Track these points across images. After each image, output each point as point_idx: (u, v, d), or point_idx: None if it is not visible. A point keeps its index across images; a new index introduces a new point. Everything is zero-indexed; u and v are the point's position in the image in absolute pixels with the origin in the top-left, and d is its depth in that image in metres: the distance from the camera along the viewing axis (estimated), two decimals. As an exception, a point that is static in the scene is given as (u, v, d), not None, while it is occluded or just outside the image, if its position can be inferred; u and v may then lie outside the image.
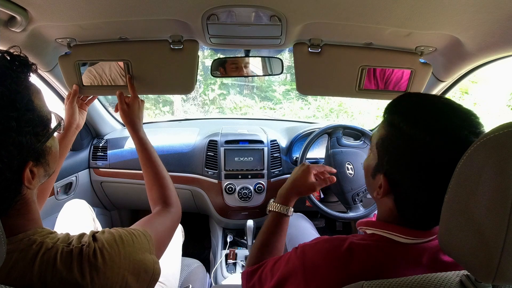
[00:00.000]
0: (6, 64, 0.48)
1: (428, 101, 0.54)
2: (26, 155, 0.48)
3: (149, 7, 0.70)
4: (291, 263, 0.61)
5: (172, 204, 0.77)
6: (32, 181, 0.49)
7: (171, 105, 4.40)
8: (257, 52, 1.11)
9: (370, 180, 0.60)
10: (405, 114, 0.53)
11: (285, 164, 1.54)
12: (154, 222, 0.69)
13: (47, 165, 0.53)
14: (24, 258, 0.45)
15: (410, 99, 0.57)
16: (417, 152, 0.50)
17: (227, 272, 1.40)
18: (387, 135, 0.55)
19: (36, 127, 0.49)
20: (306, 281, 0.56)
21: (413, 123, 0.51)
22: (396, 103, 0.57)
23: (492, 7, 0.63)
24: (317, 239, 0.61)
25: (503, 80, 4.03)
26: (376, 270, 0.50)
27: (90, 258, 0.47)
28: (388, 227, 0.55)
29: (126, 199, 1.68)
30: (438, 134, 0.48)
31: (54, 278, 0.45)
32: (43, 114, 0.51)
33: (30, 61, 0.52)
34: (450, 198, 0.42)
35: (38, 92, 0.52)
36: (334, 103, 4.47)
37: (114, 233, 0.53)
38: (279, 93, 4.54)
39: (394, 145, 0.53)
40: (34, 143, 0.49)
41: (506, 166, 0.35)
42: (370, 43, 0.89)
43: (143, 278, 0.54)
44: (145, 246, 0.56)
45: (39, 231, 0.50)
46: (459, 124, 0.49)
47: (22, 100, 0.47)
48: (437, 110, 0.52)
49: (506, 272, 0.36)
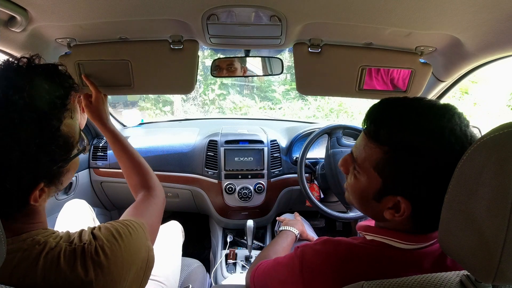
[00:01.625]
0: (43, 85, 0.45)
1: (417, 105, 0.51)
2: (39, 178, 0.46)
3: (149, 7, 0.70)
4: (291, 263, 0.61)
5: (154, 188, 0.78)
6: (38, 200, 0.47)
7: (171, 105, 4.40)
8: (257, 52, 1.11)
9: (373, 203, 0.55)
10: (410, 129, 0.49)
11: (285, 164, 1.54)
12: (143, 209, 0.69)
13: (60, 184, 0.51)
14: (27, 258, 0.45)
15: (399, 107, 0.52)
16: (443, 163, 0.45)
17: (227, 272, 1.40)
18: (391, 156, 0.50)
19: (57, 154, 0.47)
20: (304, 281, 0.56)
21: (415, 133, 0.48)
22: (386, 115, 0.52)
23: (492, 7, 0.63)
24: (318, 240, 0.61)
25: (503, 80, 4.03)
26: (376, 275, 0.50)
27: (92, 255, 0.48)
28: (388, 233, 0.54)
29: (126, 199, 1.67)
30: (440, 139, 0.47)
31: (58, 277, 0.45)
32: (70, 140, 0.49)
33: (73, 81, 0.50)
34: (450, 198, 0.42)
35: (73, 116, 0.50)
36: (334, 103, 4.47)
37: (111, 228, 0.53)
38: (279, 93, 4.54)
39: (409, 165, 0.48)
40: (52, 168, 0.47)
41: (506, 166, 0.35)
42: (370, 43, 0.89)
43: (140, 266, 0.55)
44: (141, 235, 0.57)
45: (43, 231, 0.50)
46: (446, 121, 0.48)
47: (49, 127, 0.44)
48: (426, 113, 0.49)
49: (506, 272, 0.36)
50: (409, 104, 0.52)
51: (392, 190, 0.51)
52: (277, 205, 1.55)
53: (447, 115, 0.49)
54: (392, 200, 0.51)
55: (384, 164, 0.50)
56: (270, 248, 0.93)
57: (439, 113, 0.49)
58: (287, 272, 0.61)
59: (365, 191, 0.55)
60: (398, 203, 0.51)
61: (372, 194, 0.54)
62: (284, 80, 4.49)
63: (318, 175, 1.45)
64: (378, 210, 0.54)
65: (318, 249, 0.57)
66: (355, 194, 0.58)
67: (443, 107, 0.50)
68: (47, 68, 0.49)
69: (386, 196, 0.52)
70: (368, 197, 0.55)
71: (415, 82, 0.93)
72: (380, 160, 0.51)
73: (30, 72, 0.47)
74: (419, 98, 0.53)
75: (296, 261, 0.59)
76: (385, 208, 0.52)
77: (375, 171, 0.52)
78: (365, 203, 0.56)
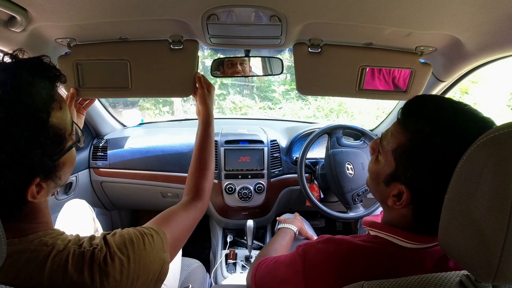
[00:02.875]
0: (28, 78, 0.45)
1: (454, 106, 0.51)
2: (34, 173, 0.45)
3: (149, 7, 0.70)
4: (293, 262, 0.61)
5: (202, 199, 0.77)
6: (37, 196, 0.46)
7: (171, 105, 4.40)
8: (257, 52, 1.11)
9: (382, 186, 0.57)
10: (434, 120, 0.49)
11: (285, 164, 1.54)
12: (176, 218, 0.66)
13: (58, 179, 0.50)
14: (35, 259, 0.45)
15: (435, 102, 0.53)
16: (451, 163, 0.44)
17: (227, 272, 1.40)
18: (409, 144, 0.51)
19: (49, 147, 0.46)
20: (306, 280, 0.56)
21: (446, 132, 0.47)
22: (418, 106, 0.53)
23: (492, 7, 0.63)
24: (320, 238, 0.61)
25: (503, 80, 4.03)
26: (377, 274, 0.50)
27: (100, 263, 0.47)
28: (393, 231, 0.54)
29: (126, 199, 1.68)
30: (456, 137, 0.47)
31: (64, 280, 0.45)
32: (61, 132, 0.48)
33: (59, 72, 0.49)
34: (450, 198, 0.42)
35: (62, 106, 0.49)
36: (334, 103, 4.47)
37: (125, 236, 0.52)
38: (279, 93, 4.54)
39: (421, 155, 0.49)
40: (45, 161, 0.46)
41: (506, 166, 0.35)
42: (370, 43, 0.89)
43: (151, 278, 0.54)
44: (157, 246, 0.55)
45: (50, 233, 0.49)
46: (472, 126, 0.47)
47: (37, 120, 0.43)
48: (466, 117, 0.49)
49: (506, 272, 0.36)
50: (447, 101, 0.53)
51: (400, 177, 0.53)
52: (277, 205, 1.55)
53: (479, 123, 0.48)
54: (398, 187, 0.53)
55: (403, 149, 0.52)
56: (270, 247, 0.93)
57: (471, 118, 0.49)
58: (288, 270, 0.61)
59: (379, 173, 0.57)
60: (402, 192, 0.53)
61: (384, 177, 0.56)
62: (284, 80, 4.48)
63: (318, 175, 1.45)
64: (385, 195, 0.56)
65: (320, 247, 0.58)
66: (372, 174, 0.61)
67: (481, 118, 0.49)
68: (30, 61, 0.47)
69: (394, 182, 0.54)
70: (380, 179, 0.57)
71: (415, 82, 0.93)
72: (401, 145, 0.52)
73: (13, 67, 0.46)
74: (464, 104, 0.53)
75: (298, 259, 0.59)
76: (390, 194, 0.54)
77: (392, 155, 0.54)
78: (376, 185, 0.59)
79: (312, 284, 0.56)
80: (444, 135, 0.48)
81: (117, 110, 3.66)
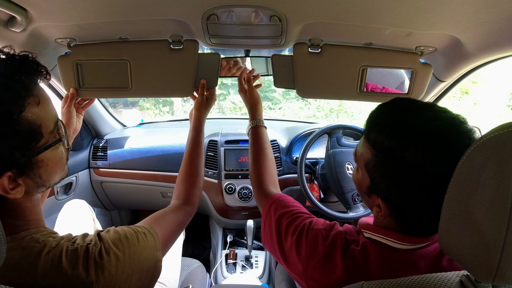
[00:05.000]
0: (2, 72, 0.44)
1: (416, 114, 0.49)
2: (3, 166, 0.44)
3: (149, 7, 0.70)
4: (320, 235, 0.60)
5: (192, 204, 0.79)
6: (10, 192, 0.45)
7: (171, 105, 4.40)
8: (257, 52, 1.11)
9: (365, 197, 0.57)
10: (394, 133, 0.48)
11: (285, 164, 1.54)
12: (167, 219, 0.69)
13: (38, 177, 0.49)
14: (27, 256, 0.45)
15: (395, 112, 0.51)
16: (417, 178, 0.45)
17: (227, 272, 1.40)
18: (377, 160, 0.51)
19: (19, 142, 0.44)
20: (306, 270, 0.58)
21: (407, 146, 0.46)
22: (378, 117, 0.53)
23: (492, 7, 0.63)
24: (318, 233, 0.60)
25: (503, 80, 4.03)
26: (373, 275, 0.50)
27: (95, 257, 0.47)
28: (385, 233, 0.55)
29: (126, 199, 1.68)
30: (438, 157, 0.45)
31: (59, 276, 0.45)
32: (36, 127, 0.46)
33: (39, 65, 0.48)
34: (450, 198, 0.41)
35: (40, 102, 0.47)
36: (334, 103, 4.47)
37: (120, 232, 0.53)
38: (279, 93, 4.54)
39: (388, 172, 0.49)
40: (16, 156, 0.44)
41: (506, 166, 0.35)
42: (370, 43, 0.89)
43: (145, 276, 0.54)
44: (150, 243, 0.56)
45: (42, 230, 0.50)
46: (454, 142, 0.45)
47: (7, 114, 0.42)
48: (424, 127, 0.47)
49: (506, 272, 0.36)
50: (407, 108, 0.51)
51: (377, 191, 0.53)
52: (277, 205, 1.55)
53: (440, 132, 0.46)
54: (377, 199, 0.54)
55: (371, 164, 0.52)
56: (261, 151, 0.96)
57: (429, 127, 0.47)
58: None
59: (360, 185, 0.58)
60: (380, 205, 0.53)
61: (364, 189, 0.56)
62: (284, 80, 4.47)
63: (318, 175, 1.45)
64: (369, 205, 0.58)
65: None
66: (355, 184, 0.61)
67: (442, 128, 0.47)
68: (11, 56, 0.47)
69: (373, 195, 0.55)
70: (362, 191, 0.58)
71: (416, 83, 0.93)
72: (369, 160, 0.53)
73: None
74: (428, 106, 0.51)
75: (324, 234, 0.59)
76: (374, 205, 0.55)
77: (365, 169, 0.54)
78: (361, 194, 0.60)
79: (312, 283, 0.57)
80: (403, 149, 0.47)
81: (117, 110, 3.66)
